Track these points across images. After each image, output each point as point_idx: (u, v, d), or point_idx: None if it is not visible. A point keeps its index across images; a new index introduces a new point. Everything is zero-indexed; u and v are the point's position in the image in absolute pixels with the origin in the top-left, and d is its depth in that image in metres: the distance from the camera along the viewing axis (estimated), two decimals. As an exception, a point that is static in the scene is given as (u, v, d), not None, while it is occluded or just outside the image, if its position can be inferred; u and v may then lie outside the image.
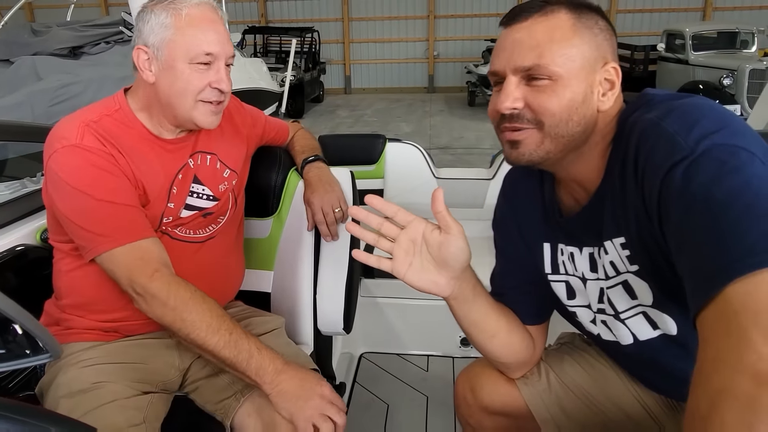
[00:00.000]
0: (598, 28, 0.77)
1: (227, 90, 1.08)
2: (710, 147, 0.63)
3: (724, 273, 0.55)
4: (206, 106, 1.07)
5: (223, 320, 1.00)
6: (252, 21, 12.07)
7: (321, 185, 1.34)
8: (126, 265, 1.00)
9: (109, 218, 1.00)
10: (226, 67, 1.07)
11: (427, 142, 7.55)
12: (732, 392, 0.48)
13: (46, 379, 1.09)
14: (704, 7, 11.21)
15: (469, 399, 1.11)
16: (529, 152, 0.79)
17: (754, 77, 6.77)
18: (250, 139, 1.32)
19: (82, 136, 1.01)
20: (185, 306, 0.99)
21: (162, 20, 1.02)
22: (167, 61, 1.02)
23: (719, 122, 0.65)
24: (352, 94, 12.60)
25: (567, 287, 0.94)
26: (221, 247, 1.24)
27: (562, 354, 1.11)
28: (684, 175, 0.63)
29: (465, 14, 11.85)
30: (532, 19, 0.77)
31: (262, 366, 0.99)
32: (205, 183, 1.18)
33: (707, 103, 0.70)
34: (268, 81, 6.52)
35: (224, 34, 1.06)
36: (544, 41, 0.75)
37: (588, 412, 1.03)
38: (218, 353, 0.98)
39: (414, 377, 2.10)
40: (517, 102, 0.77)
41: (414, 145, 2.54)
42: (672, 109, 0.70)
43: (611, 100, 0.78)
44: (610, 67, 0.78)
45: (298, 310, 1.41)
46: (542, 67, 0.75)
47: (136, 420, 0.99)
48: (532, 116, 0.77)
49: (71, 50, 4.12)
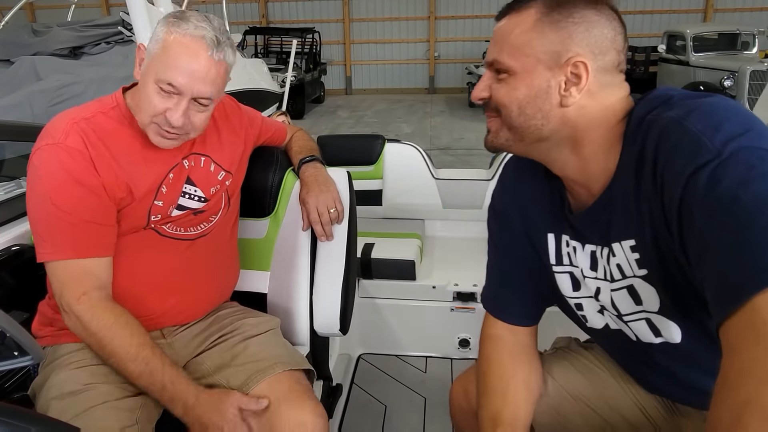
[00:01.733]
0: (571, 21, 0.76)
1: (177, 125, 1.02)
2: (738, 150, 0.60)
3: (752, 282, 0.52)
4: (159, 129, 1.04)
5: (142, 349, 1.01)
6: (253, 22, 12.08)
7: (316, 185, 1.34)
8: (60, 280, 1.02)
9: (61, 229, 1.01)
10: (194, 104, 1.03)
11: (427, 142, 7.55)
12: (759, 404, 0.46)
13: (38, 380, 1.09)
14: (705, 8, 11.20)
15: (464, 405, 1.10)
16: (491, 139, 0.86)
17: (755, 78, 6.76)
18: (246, 140, 1.31)
19: (67, 134, 1.02)
20: (105, 333, 1.01)
21: (159, 31, 1.02)
22: (146, 70, 1.03)
23: (745, 124, 0.63)
24: (352, 94, 12.61)
25: (572, 278, 0.93)
26: (214, 245, 1.24)
27: (559, 358, 1.09)
28: (710, 178, 0.60)
29: (466, 15, 11.86)
30: (507, 16, 0.81)
31: (173, 399, 1.01)
32: (198, 185, 1.18)
33: (730, 103, 0.68)
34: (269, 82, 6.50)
35: (201, 71, 1.00)
36: (505, 37, 0.79)
37: (585, 416, 1.02)
38: (134, 381, 1.01)
39: (412, 379, 2.10)
40: (483, 92, 0.83)
41: (413, 145, 2.54)
42: (694, 108, 0.68)
43: (576, 96, 0.77)
44: (576, 61, 0.75)
45: (295, 311, 1.40)
46: (499, 61, 0.80)
47: (127, 422, 0.98)
48: (494, 105, 0.83)
49: (71, 50, 4.12)
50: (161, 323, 1.18)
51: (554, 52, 0.76)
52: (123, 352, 1.00)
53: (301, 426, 1.05)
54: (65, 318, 1.03)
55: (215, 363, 1.16)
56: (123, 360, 1.00)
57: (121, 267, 1.10)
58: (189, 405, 1.01)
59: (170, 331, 1.20)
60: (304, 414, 1.06)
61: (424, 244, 2.42)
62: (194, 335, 1.22)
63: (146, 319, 1.14)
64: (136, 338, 1.02)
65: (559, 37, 0.76)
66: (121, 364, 1.01)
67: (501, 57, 0.79)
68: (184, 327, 1.22)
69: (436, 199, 2.52)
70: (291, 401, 1.08)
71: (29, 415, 0.58)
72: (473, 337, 2.17)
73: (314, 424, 1.06)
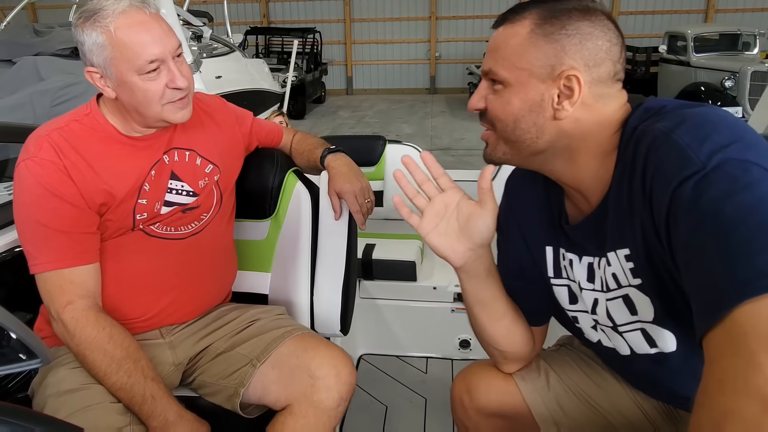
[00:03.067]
0: (564, 33, 0.75)
1: (185, 85, 1.05)
2: (722, 162, 0.61)
3: (733, 294, 0.53)
4: (173, 105, 1.07)
5: (123, 363, 1.03)
6: (254, 22, 12.08)
7: (353, 174, 1.33)
8: (46, 290, 1.05)
9: (42, 241, 1.03)
10: (177, 60, 1.05)
11: (428, 143, 7.55)
12: (738, 415, 0.47)
13: (37, 379, 1.11)
14: (706, 8, 11.18)
15: (466, 401, 1.11)
16: (490, 152, 0.86)
17: (756, 79, 6.75)
18: (234, 137, 1.31)
19: (40, 147, 1.03)
20: (87, 345, 1.03)
21: (94, 39, 0.99)
22: (118, 77, 1.02)
23: (732, 135, 0.63)
24: (353, 95, 12.60)
25: (569, 291, 0.94)
26: (207, 244, 1.24)
27: (562, 355, 1.11)
28: (694, 190, 0.61)
29: (467, 15, 11.85)
30: (502, 27, 0.80)
31: (152, 415, 1.02)
32: (184, 179, 1.17)
33: (720, 114, 0.68)
34: (270, 82, 6.51)
35: (160, 30, 1.01)
36: (500, 47, 0.79)
37: (587, 413, 1.03)
38: (114, 393, 1.04)
39: (413, 379, 2.10)
40: (479, 103, 0.83)
41: (414, 146, 2.54)
42: (683, 120, 0.68)
43: (569, 109, 0.76)
44: (569, 74, 0.75)
45: (295, 312, 1.41)
46: (493, 72, 0.80)
47: (120, 422, 1.00)
48: (489, 118, 0.83)
49: (73, 50, 4.11)
50: (158, 323, 1.19)
51: (548, 65, 0.76)
52: (104, 365, 1.02)
53: (333, 368, 1.11)
54: (54, 326, 1.05)
55: (231, 343, 1.19)
56: (104, 373, 1.02)
57: (111, 270, 1.11)
58: (170, 421, 1.03)
59: (168, 330, 1.21)
60: (336, 360, 1.12)
61: (424, 245, 2.42)
62: (195, 331, 1.23)
63: (141, 320, 1.15)
64: (120, 351, 1.03)
65: (553, 50, 0.75)
66: (101, 376, 1.03)
67: (496, 68, 0.79)
68: (182, 325, 1.23)
69: None
70: (322, 346, 1.14)
71: (33, 415, 0.58)
72: (474, 338, 2.16)
73: (347, 371, 1.13)
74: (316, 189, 1.42)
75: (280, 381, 1.11)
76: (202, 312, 1.26)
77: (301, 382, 1.09)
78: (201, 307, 1.26)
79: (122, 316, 1.11)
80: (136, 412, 1.03)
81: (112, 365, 1.02)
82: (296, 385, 1.10)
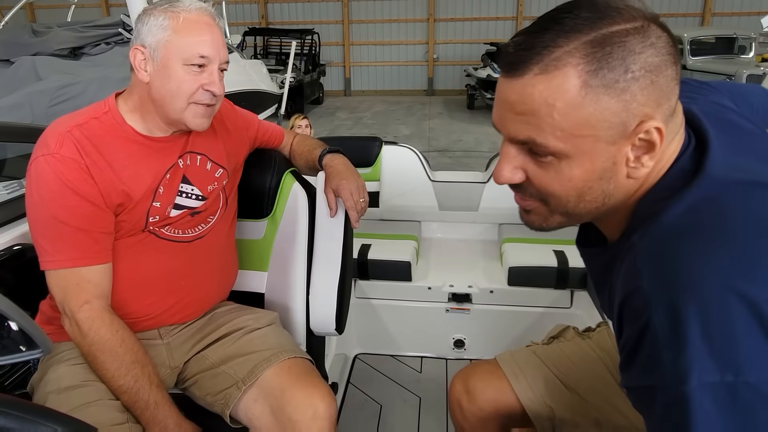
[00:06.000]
0: (631, 77, 0.57)
1: (219, 93, 1.10)
2: (693, 391, 0.52)
3: None
4: (198, 108, 1.08)
5: (131, 368, 1.04)
6: (252, 23, 12.09)
7: (350, 173, 1.35)
8: (62, 287, 1.05)
9: (60, 238, 1.03)
10: (219, 72, 1.09)
11: (425, 144, 7.57)
12: None
13: (37, 375, 1.12)
14: (703, 12, 11.24)
15: (464, 402, 1.12)
16: (539, 223, 0.70)
17: (752, 82, 6.80)
18: (242, 141, 1.33)
19: (61, 144, 1.03)
20: (99, 346, 1.04)
21: (160, 22, 1.04)
22: (162, 61, 1.04)
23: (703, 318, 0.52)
24: (351, 96, 12.62)
25: None
26: (212, 246, 1.26)
27: (553, 348, 1.12)
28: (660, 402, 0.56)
29: (465, 17, 11.87)
30: (530, 74, 0.59)
31: (153, 421, 1.04)
32: (194, 183, 1.19)
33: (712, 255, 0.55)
34: (268, 83, 6.51)
35: (219, 39, 1.08)
36: (540, 112, 0.59)
37: (581, 409, 1.05)
38: (118, 395, 1.05)
39: (407, 378, 2.12)
40: (516, 174, 0.65)
41: (410, 148, 2.56)
42: (660, 260, 0.57)
43: (649, 164, 0.62)
44: (649, 126, 0.59)
45: (291, 311, 1.42)
46: (539, 145, 0.61)
47: (119, 419, 1.02)
48: (535, 191, 0.66)
49: (71, 51, 4.12)
50: (159, 323, 1.20)
51: (618, 124, 0.59)
52: (113, 368, 1.03)
53: (311, 407, 1.08)
54: (65, 323, 1.06)
55: (219, 357, 1.19)
56: (112, 375, 1.03)
57: (120, 270, 1.12)
58: (169, 429, 1.04)
59: (167, 331, 1.22)
60: (313, 397, 1.09)
61: (420, 246, 2.44)
62: (191, 334, 1.24)
63: (144, 319, 1.16)
64: (129, 355, 1.05)
65: (621, 103, 0.58)
66: (108, 378, 1.04)
67: (542, 139, 0.60)
68: (181, 326, 1.24)
69: (432, 201, 2.54)
70: (299, 385, 1.11)
71: (54, 414, 0.59)
72: (468, 338, 2.19)
73: (324, 405, 1.09)
74: (313, 190, 1.44)
75: (262, 417, 1.10)
76: (202, 313, 1.28)
77: (281, 424, 1.08)
78: (202, 309, 1.27)
79: (126, 314, 1.12)
80: (138, 416, 1.04)
81: (121, 369, 1.03)
82: (277, 427, 1.09)
